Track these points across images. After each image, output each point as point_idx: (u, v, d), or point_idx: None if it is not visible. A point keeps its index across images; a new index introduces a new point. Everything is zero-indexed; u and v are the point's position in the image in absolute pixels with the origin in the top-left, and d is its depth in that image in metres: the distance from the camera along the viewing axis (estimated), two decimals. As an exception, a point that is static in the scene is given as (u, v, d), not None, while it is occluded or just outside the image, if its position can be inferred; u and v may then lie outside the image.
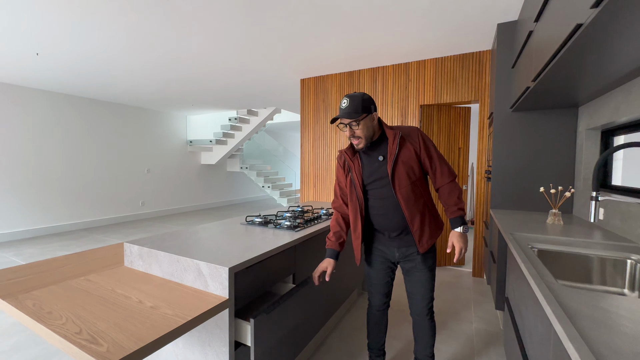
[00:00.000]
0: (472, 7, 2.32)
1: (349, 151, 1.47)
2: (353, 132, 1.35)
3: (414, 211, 1.39)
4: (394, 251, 1.48)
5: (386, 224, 1.44)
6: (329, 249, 1.48)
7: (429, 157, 1.41)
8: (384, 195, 1.41)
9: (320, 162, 4.02)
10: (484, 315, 2.37)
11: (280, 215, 2.06)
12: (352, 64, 3.51)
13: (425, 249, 1.42)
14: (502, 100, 2.49)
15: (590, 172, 2.11)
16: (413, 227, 1.39)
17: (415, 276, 1.48)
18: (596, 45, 1.10)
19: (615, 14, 0.87)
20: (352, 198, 1.46)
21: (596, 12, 0.87)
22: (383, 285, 1.57)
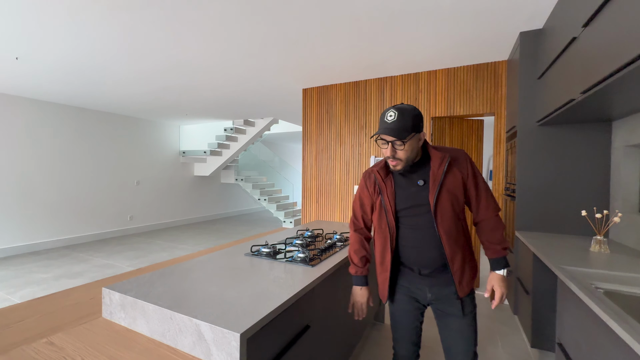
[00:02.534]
0: (495, 14, 2.14)
1: (381, 171, 1.25)
2: (394, 153, 1.14)
3: (455, 248, 1.17)
4: (425, 291, 1.24)
5: (419, 259, 1.22)
6: (359, 277, 1.31)
7: (475, 186, 1.21)
8: (421, 225, 1.20)
9: (324, 177, 3.77)
10: (514, 352, 2.12)
11: (290, 242, 1.80)
12: (358, 73, 3.32)
13: (466, 293, 1.20)
14: (527, 113, 2.30)
15: (630, 193, 1.91)
16: (453, 266, 1.17)
17: (453, 324, 1.23)
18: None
19: None
20: (382, 225, 1.25)
21: None
22: (411, 331, 1.31)
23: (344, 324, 1.66)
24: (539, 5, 2.01)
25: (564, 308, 1.38)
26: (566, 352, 1.34)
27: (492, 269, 1.22)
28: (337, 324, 1.57)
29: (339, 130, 3.66)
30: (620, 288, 1.21)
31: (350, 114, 3.59)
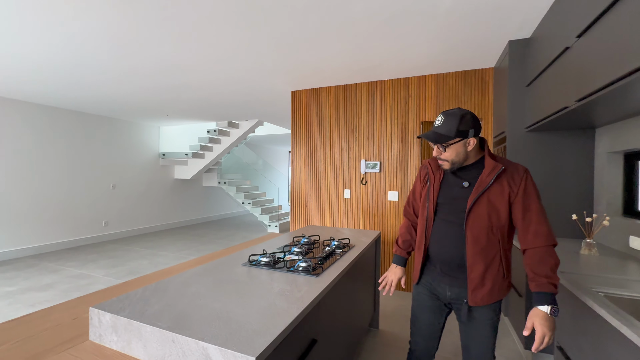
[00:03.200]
0: (487, 22, 2.19)
1: (433, 163, 1.35)
2: (440, 154, 1.23)
3: (478, 256, 1.18)
4: (445, 289, 1.28)
5: (441, 252, 1.27)
6: (399, 256, 1.45)
7: (524, 207, 1.14)
8: (453, 222, 1.23)
9: (313, 180, 3.72)
10: (507, 354, 2.16)
11: (288, 250, 1.73)
12: (349, 77, 3.31)
13: (477, 304, 1.20)
14: (516, 119, 2.37)
15: (614, 197, 2.00)
16: (472, 273, 1.18)
17: (471, 327, 1.26)
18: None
19: None
20: (423, 213, 1.34)
21: None
22: (427, 327, 1.34)
23: (345, 334, 1.61)
24: (528, 16, 2.07)
25: (563, 312, 1.40)
26: (567, 355, 1.36)
27: (534, 304, 1.07)
28: (340, 334, 1.52)
29: (329, 134, 3.63)
30: (618, 291, 1.24)
31: (340, 117, 3.57)
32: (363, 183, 3.45)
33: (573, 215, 1.86)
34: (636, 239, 1.73)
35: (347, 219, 3.53)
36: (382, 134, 3.37)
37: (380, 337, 2.38)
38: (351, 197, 3.51)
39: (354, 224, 3.50)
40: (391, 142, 3.34)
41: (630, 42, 1.13)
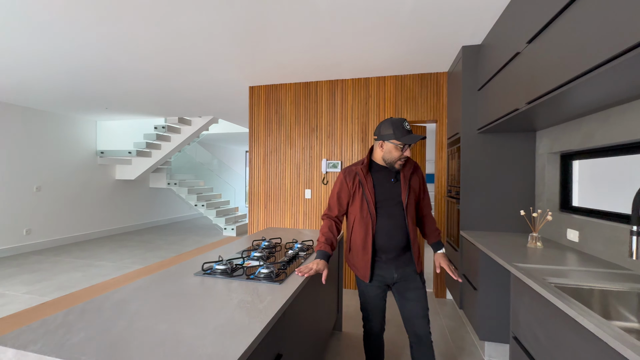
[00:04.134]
0: (443, 27, 2.27)
1: (363, 169, 1.51)
2: (409, 154, 1.46)
3: (414, 234, 1.52)
4: (392, 272, 1.51)
5: (389, 243, 1.48)
6: (322, 251, 1.47)
7: (423, 190, 1.62)
8: (393, 214, 1.49)
9: (273, 180, 3.57)
10: (463, 345, 2.24)
11: (247, 255, 1.58)
12: (310, 74, 3.23)
13: (422, 269, 1.54)
14: (469, 121, 2.49)
15: (553, 194, 2.19)
16: (413, 248, 1.51)
17: (414, 295, 1.52)
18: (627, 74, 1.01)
19: None
20: (363, 215, 1.49)
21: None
22: (380, 311, 1.59)
23: (311, 342, 1.52)
24: (481, 23, 2.18)
25: (518, 303, 1.47)
26: (522, 344, 1.42)
27: (436, 250, 1.61)
28: (306, 343, 1.42)
29: (289, 132, 3.52)
30: (564, 281, 1.32)
31: (301, 115, 3.48)
32: (324, 183, 3.40)
33: (521, 211, 1.99)
34: (572, 231, 1.90)
35: (309, 220, 3.45)
36: (343, 133, 3.35)
37: (344, 339, 2.33)
38: (312, 198, 3.44)
39: (316, 225, 3.43)
40: (352, 141, 3.33)
41: (574, 50, 1.20)
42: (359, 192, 1.50)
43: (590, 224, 1.75)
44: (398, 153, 1.44)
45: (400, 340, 2.30)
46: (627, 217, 1.57)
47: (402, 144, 1.42)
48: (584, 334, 0.98)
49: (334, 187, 1.57)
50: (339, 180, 1.55)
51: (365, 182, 1.48)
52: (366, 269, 1.48)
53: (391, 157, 1.46)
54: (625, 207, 1.61)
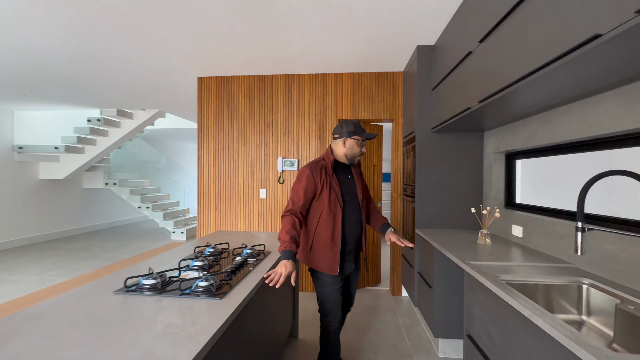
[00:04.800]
0: (397, 27, 2.25)
1: (332, 163, 1.62)
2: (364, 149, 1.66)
3: (365, 224, 1.73)
4: (352, 263, 1.66)
5: (352, 234, 1.63)
6: (288, 251, 1.39)
7: (365, 183, 1.83)
8: (354, 207, 1.65)
9: (225, 179, 3.32)
10: (419, 343, 2.25)
11: (186, 265, 1.37)
12: (265, 67, 3.05)
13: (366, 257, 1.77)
14: (424, 121, 2.52)
15: (499, 192, 2.29)
16: (364, 238, 1.71)
17: (355, 280, 1.78)
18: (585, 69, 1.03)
19: None
20: (331, 207, 1.57)
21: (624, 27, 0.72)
22: (340, 303, 1.64)
23: (262, 354, 1.36)
24: (434, 23, 2.20)
25: (472, 301, 1.47)
26: (475, 342, 1.42)
27: (386, 229, 1.72)
28: (256, 356, 1.27)
29: (242, 128, 3.29)
30: (514, 278, 1.34)
31: (255, 110, 3.27)
32: (280, 182, 3.24)
33: (472, 209, 2.04)
34: (517, 227, 1.99)
35: (264, 222, 3.26)
36: (300, 130, 3.23)
37: (300, 347, 2.20)
38: (268, 197, 3.26)
39: (272, 227, 3.26)
40: (309, 139, 3.22)
41: (523, 49, 1.21)
42: (327, 185, 1.57)
43: (532, 220, 1.83)
44: (359, 149, 1.62)
45: (357, 343, 2.24)
46: (565, 213, 1.66)
47: (362, 139, 1.61)
48: (536, 332, 0.97)
49: (299, 183, 1.55)
50: (305, 176, 1.55)
51: (332, 176, 1.59)
52: (334, 262, 1.56)
53: (353, 152, 1.62)
54: (564, 204, 1.71)
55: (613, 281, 1.26)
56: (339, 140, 1.61)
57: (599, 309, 1.23)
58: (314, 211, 1.58)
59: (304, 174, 1.56)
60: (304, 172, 1.56)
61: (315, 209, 1.57)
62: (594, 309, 1.25)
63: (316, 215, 1.57)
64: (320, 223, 1.56)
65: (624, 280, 1.21)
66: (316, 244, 1.57)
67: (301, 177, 1.56)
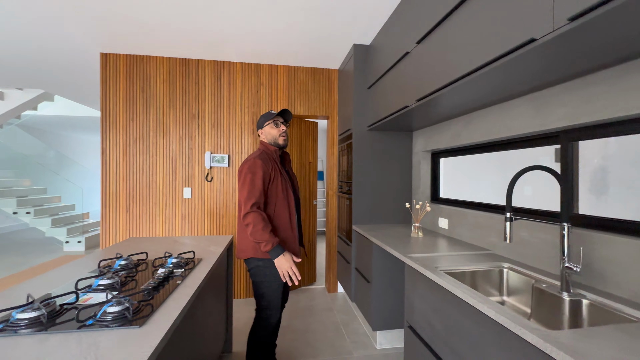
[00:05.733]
0: (334, 23, 2.22)
1: (278, 156, 1.69)
2: (285, 130, 1.72)
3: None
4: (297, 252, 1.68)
5: (298, 222, 1.74)
6: (278, 246, 1.49)
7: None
8: (295, 196, 1.74)
9: (139, 177, 2.82)
10: (357, 339, 2.27)
11: (87, 287, 1.06)
12: (190, 49, 2.69)
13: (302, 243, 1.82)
14: (360, 119, 2.56)
15: (426, 188, 2.48)
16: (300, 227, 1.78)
17: None
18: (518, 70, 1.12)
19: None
20: (286, 194, 1.64)
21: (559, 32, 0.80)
22: (281, 297, 1.67)
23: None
24: (371, 22, 2.23)
25: (413, 293, 1.51)
26: (417, 332, 1.46)
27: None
28: (183, 395, 1.04)
29: (161, 117, 2.85)
30: (451, 267, 1.43)
31: (178, 98, 2.87)
32: (208, 180, 2.91)
33: (407, 204, 2.15)
34: (443, 219, 2.16)
35: (189, 225, 2.89)
36: (232, 123, 2.96)
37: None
38: (193, 197, 2.89)
39: (198, 230, 2.91)
40: (242, 132, 2.98)
41: (460, 52, 1.29)
42: (278, 173, 1.63)
43: (456, 213, 2.01)
44: (275, 130, 1.69)
45: (297, 348, 2.14)
46: (484, 205, 1.86)
47: (272, 120, 1.68)
48: (478, 318, 1.01)
49: (255, 176, 1.54)
50: (259, 167, 1.55)
51: (280, 169, 1.65)
52: (296, 245, 1.66)
53: (272, 136, 1.69)
54: (483, 198, 1.92)
55: (526, 264, 1.43)
56: (260, 133, 1.74)
57: (517, 289, 1.39)
58: (270, 199, 1.60)
59: (257, 165, 1.56)
60: (257, 163, 1.56)
61: (271, 197, 1.60)
62: (512, 289, 1.41)
63: (272, 202, 1.60)
64: (277, 210, 1.61)
65: (535, 262, 1.39)
66: (277, 229, 1.61)
67: (255, 170, 1.55)
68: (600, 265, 1.12)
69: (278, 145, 1.71)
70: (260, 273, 1.60)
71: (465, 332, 1.10)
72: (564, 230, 1.13)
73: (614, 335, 0.77)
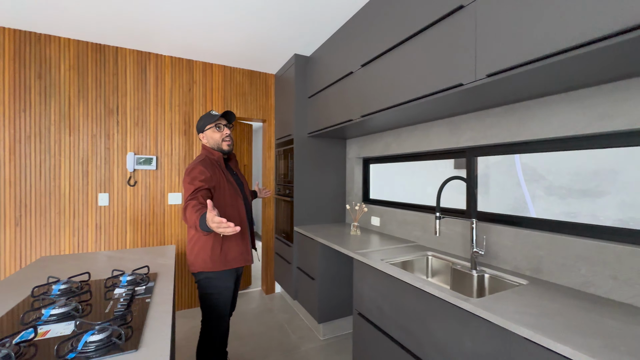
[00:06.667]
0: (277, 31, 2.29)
1: (222, 161, 1.65)
2: (229, 133, 1.66)
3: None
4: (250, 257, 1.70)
5: (249, 225, 1.73)
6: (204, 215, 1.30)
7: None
8: (247, 202, 1.74)
9: (35, 181, 2.30)
10: (302, 333, 2.41)
11: (37, 319, 0.90)
12: (106, 34, 2.34)
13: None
14: (301, 126, 2.70)
15: (359, 190, 2.79)
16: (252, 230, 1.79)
17: (240, 275, 1.80)
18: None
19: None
20: (234, 202, 1.60)
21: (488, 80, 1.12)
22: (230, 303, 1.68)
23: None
24: (314, 37, 2.39)
25: (362, 284, 1.74)
26: (366, 317, 1.70)
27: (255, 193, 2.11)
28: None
29: (67, 110, 2.39)
30: (397, 259, 1.71)
31: (91, 89, 2.46)
32: (131, 184, 2.59)
33: (347, 205, 2.39)
34: (375, 218, 2.49)
35: (106, 236, 2.51)
36: (160, 121, 2.69)
37: (179, 379, 1.87)
38: (112, 204, 2.53)
39: (119, 242, 2.55)
40: (172, 133, 2.74)
41: (399, 82, 1.57)
42: (224, 179, 1.59)
43: (386, 212, 2.36)
44: (218, 134, 1.63)
45: (246, 353, 2.15)
46: (409, 205, 2.25)
47: (214, 123, 1.62)
48: (422, 298, 1.29)
49: (194, 180, 1.47)
50: (199, 172, 1.50)
51: (226, 172, 1.62)
52: (248, 251, 1.65)
53: (215, 140, 1.64)
54: (406, 198, 2.30)
55: (445, 251, 1.83)
56: (202, 137, 1.67)
57: (439, 271, 1.76)
58: (217, 208, 1.54)
59: (197, 170, 1.51)
60: (197, 168, 1.51)
61: (218, 207, 1.54)
62: (435, 271, 1.78)
63: (220, 211, 1.54)
64: (227, 218, 1.55)
65: (451, 249, 1.79)
66: (227, 239, 1.57)
67: (194, 174, 1.49)
68: (494, 248, 1.54)
69: (222, 151, 1.66)
70: (210, 285, 1.58)
71: (410, 310, 1.37)
72: (472, 224, 1.52)
73: (510, 297, 1.12)
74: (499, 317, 0.96)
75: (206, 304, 1.60)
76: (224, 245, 1.58)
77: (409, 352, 1.37)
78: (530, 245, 1.37)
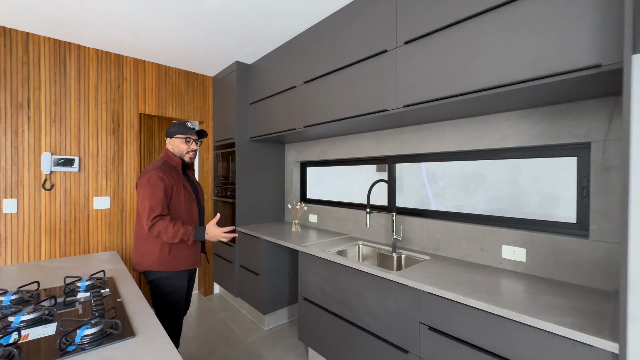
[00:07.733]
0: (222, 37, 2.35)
1: (180, 168, 1.71)
2: (194, 147, 1.75)
3: None
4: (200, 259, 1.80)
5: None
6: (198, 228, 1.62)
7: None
8: (200, 207, 1.81)
9: None
10: (246, 327, 2.56)
11: (7, 326, 0.89)
12: (14, 16, 2.05)
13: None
14: (243, 130, 2.82)
15: (297, 191, 3.06)
16: None
17: (194, 277, 1.88)
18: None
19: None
20: (188, 207, 1.68)
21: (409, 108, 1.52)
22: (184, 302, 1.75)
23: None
24: (256, 48, 2.55)
25: (307, 273, 2.00)
26: (311, 301, 1.97)
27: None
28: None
29: (-44, 102, 2.02)
30: (338, 248, 2.03)
31: (-9, 78, 2.12)
32: (47, 188, 2.31)
33: (288, 205, 2.63)
34: (313, 215, 2.80)
35: (14, 248, 2.19)
36: (83, 119, 2.46)
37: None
38: (21, 211, 2.22)
39: (32, 254, 2.25)
40: (97, 131, 2.54)
41: (339, 100, 1.90)
42: (180, 185, 1.66)
43: (323, 210, 2.69)
44: (185, 146, 1.71)
45: (192, 353, 2.20)
46: (342, 203, 2.61)
47: (185, 136, 1.70)
48: (360, 277, 1.63)
49: (155, 188, 1.55)
50: (158, 178, 1.56)
51: (181, 182, 1.68)
52: (197, 254, 1.73)
53: (179, 150, 1.71)
54: (338, 197, 2.67)
55: (372, 240, 2.23)
56: (168, 142, 1.73)
57: (368, 256, 2.15)
58: (172, 212, 1.62)
59: (155, 177, 1.56)
60: (155, 175, 1.57)
61: (172, 211, 1.62)
62: (365, 256, 2.17)
63: (174, 216, 1.62)
64: (182, 221, 1.61)
65: (377, 238, 2.20)
66: (176, 244, 1.63)
67: (154, 182, 1.56)
68: (408, 235, 2.00)
69: (183, 161, 1.74)
70: (162, 285, 1.63)
71: (348, 288, 1.70)
72: (393, 217, 1.94)
73: (420, 269, 1.55)
74: (412, 281, 1.35)
75: (159, 305, 1.64)
76: (172, 248, 1.62)
77: (348, 321, 1.70)
78: (431, 231, 1.86)
